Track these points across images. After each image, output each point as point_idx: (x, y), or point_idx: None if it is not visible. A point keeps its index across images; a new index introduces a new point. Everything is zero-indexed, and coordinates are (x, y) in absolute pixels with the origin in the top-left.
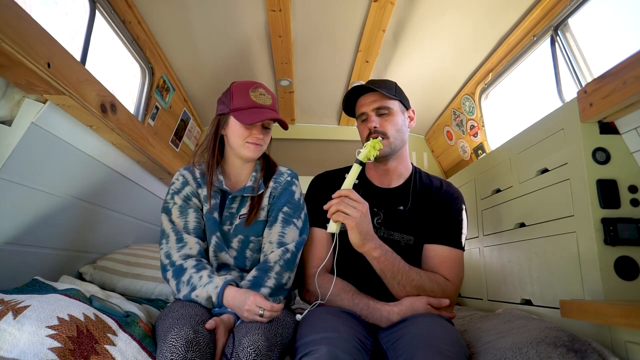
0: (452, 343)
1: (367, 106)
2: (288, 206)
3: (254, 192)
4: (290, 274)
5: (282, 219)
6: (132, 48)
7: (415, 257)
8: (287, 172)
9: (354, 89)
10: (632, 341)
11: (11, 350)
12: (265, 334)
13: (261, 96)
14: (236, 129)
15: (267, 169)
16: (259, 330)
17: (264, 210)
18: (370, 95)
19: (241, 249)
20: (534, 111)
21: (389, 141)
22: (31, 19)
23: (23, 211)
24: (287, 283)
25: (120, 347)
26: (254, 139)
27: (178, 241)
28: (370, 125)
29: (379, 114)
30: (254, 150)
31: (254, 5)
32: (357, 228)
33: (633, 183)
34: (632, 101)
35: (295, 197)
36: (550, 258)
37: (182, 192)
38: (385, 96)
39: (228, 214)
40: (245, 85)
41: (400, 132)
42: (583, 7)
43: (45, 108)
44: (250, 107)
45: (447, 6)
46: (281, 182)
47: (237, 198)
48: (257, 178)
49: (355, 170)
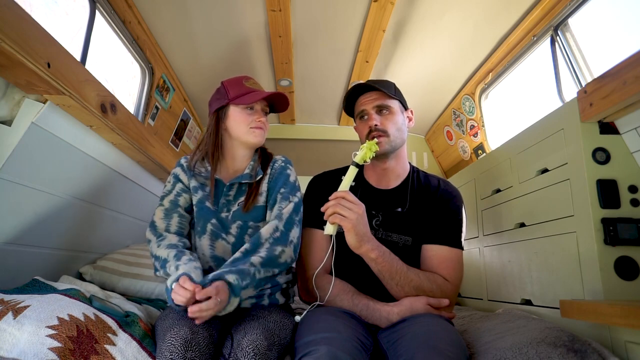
0: (452, 343)
1: (368, 104)
2: (284, 187)
3: (251, 178)
4: (283, 247)
5: (280, 199)
6: (132, 48)
7: (414, 257)
8: (282, 159)
9: (355, 87)
10: (632, 341)
11: (11, 350)
12: (264, 333)
13: (254, 84)
14: (239, 117)
15: (263, 158)
16: (257, 330)
17: (262, 195)
18: (371, 93)
19: (239, 234)
20: (534, 111)
21: (390, 139)
22: (31, 19)
23: (23, 211)
24: (281, 256)
25: (120, 347)
26: (257, 123)
27: (159, 239)
28: (371, 123)
29: (380, 112)
30: (259, 134)
31: (254, 5)
32: (353, 230)
33: (633, 183)
34: (632, 101)
35: (291, 179)
36: (550, 258)
37: (171, 193)
38: (385, 95)
39: (225, 201)
40: (237, 79)
41: (400, 131)
42: (583, 7)
43: (45, 108)
44: (249, 92)
45: (447, 6)
46: (276, 168)
47: (235, 186)
48: (254, 166)
49: (351, 172)
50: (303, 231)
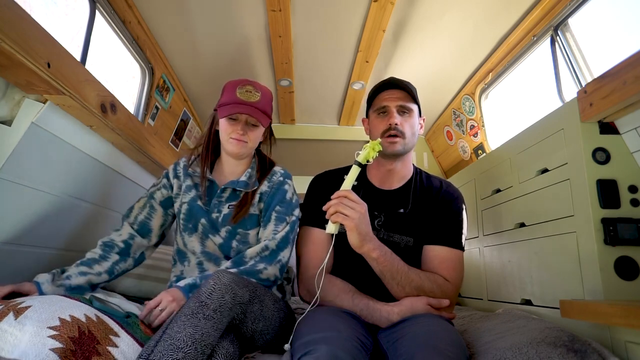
0: (452, 343)
1: (392, 101)
2: (280, 205)
3: (247, 187)
4: (267, 265)
5: (276, 218)
6: (132, 48)
7: (415, 258)
8: (280, 172)
9: (384, 82)
10: (632, 341)
11: (12, 351)
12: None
13: (247, 93)
14: (222, 125)
15: (262, 167)
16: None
17: (253, 206)
18: (395, 91)
19: (228, 238)
20: (534, 111)
21: (405, 141)
22: (31, 19)
23: (23, 211)
24: (262, 272)
25: (122, 348)
26: (235, 134)
27: (118, 227)
28: (392, 120)
29: (401, 113)
30: (235, 146)
31: (254, 5)
32: (355, 229)
33: (633, 183)
34: (632, 101)
35: (287, 196)
36: (550, 258)
37: (155, 186)
38: (409, 97)
39: (217, 202)
40: (235, 83)
41: (414, 135)
42: (583, 7)
43: (45, 108)
44: (231, 103)
45: (447, 6)
46: (274, 182)
47: (228, 189)
48: (252, 175)
49: (354, 172)
50: (304, 230)
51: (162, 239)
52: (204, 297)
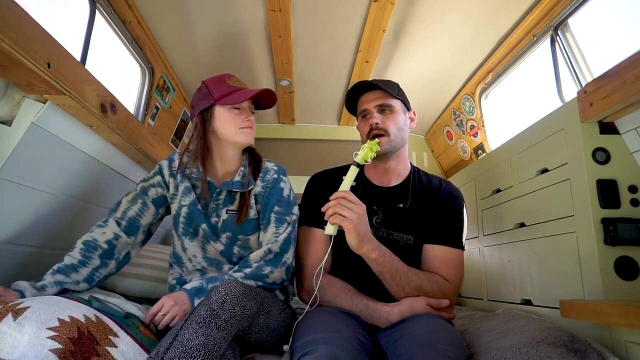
0: (452, 343)
1: (370, 103)
2: (279, 205)
3: (243, 187)
4: (273, 268)
5: (275, 219)
6: (132, 48)
7: (415, 257)
8: (274, 169)
9: (357, 85)
10: (632, 341)
11: (12, 352)
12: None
13: (238, 82)
14: (226, 118)
15: (253, 162)
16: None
17: (252, 208)
18: (373, 92)
19: (229, 244)
20: (534, 111)
21: (390, 139)
22: (31, 19)
23: (23, 211)
24: (269, 276)
25: (121, 348)
26: (246, 122)
27: (102, 223)
28: (372, 121)
29: (381, 112)
30: (249, 134)
31: (254, 5)
32: (354, 230)
33: (633, 183)
34: (632, 101)
35: (284, 194)
36: (550, 258)
37: (148, 182)
38: (388, 94)
39: (214, 206)
40: (218, 77)
41: (401, 130)
42: (583, 7)
43: (45, 108)
44: (233, 92)
45: (447, 6)
46: (268, 181)
47: (224, 191)
48: (245, 173)
49: (352, 172)
50: (302, 230)
51: (149, 237)
52: (215, 306)
